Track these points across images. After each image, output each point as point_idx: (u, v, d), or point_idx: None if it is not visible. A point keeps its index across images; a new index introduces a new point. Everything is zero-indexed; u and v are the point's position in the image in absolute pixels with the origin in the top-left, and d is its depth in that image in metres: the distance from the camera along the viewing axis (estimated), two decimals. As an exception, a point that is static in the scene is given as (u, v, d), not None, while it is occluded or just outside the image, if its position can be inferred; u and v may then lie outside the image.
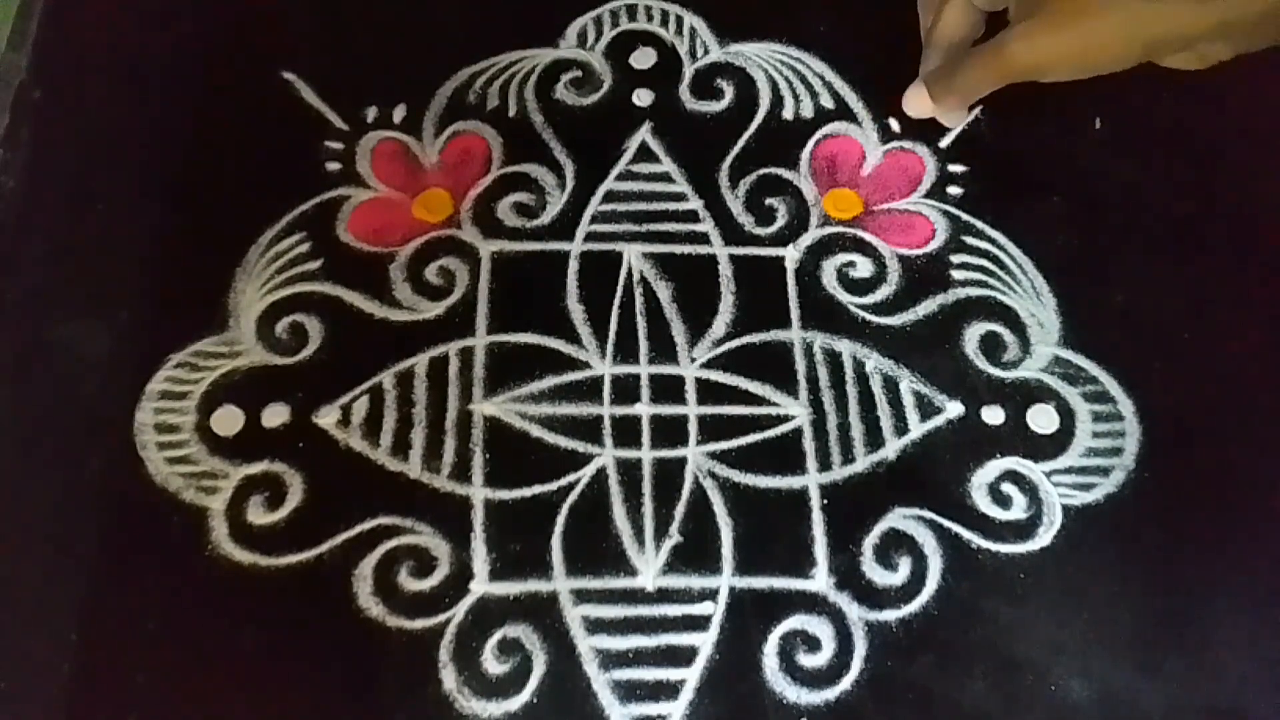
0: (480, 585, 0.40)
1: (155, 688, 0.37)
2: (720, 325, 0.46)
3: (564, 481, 0.42)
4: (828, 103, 0.52)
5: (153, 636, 0.38)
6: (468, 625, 0.39)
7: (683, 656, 0.39)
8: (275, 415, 0.42)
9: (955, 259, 0.48)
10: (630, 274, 0.47)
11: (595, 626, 0.39)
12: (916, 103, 0.48)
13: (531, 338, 0.45)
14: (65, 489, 0.41)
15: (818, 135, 0.51)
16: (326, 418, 0.42)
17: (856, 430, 0.44)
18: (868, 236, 0.48)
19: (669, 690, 0.38)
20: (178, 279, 0.45)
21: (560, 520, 0.41)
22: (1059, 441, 0.44)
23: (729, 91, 0.52)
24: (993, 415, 0.44)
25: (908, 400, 0.44)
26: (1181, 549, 0.42)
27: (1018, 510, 0.42)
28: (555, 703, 0.38)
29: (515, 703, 0.38)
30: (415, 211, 0.48)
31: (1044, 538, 0.42)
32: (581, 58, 0.52)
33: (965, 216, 0.49)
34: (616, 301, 0.46)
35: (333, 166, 0.48)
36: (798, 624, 0.40)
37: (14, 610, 0.39)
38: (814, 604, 0.40)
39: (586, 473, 0.42)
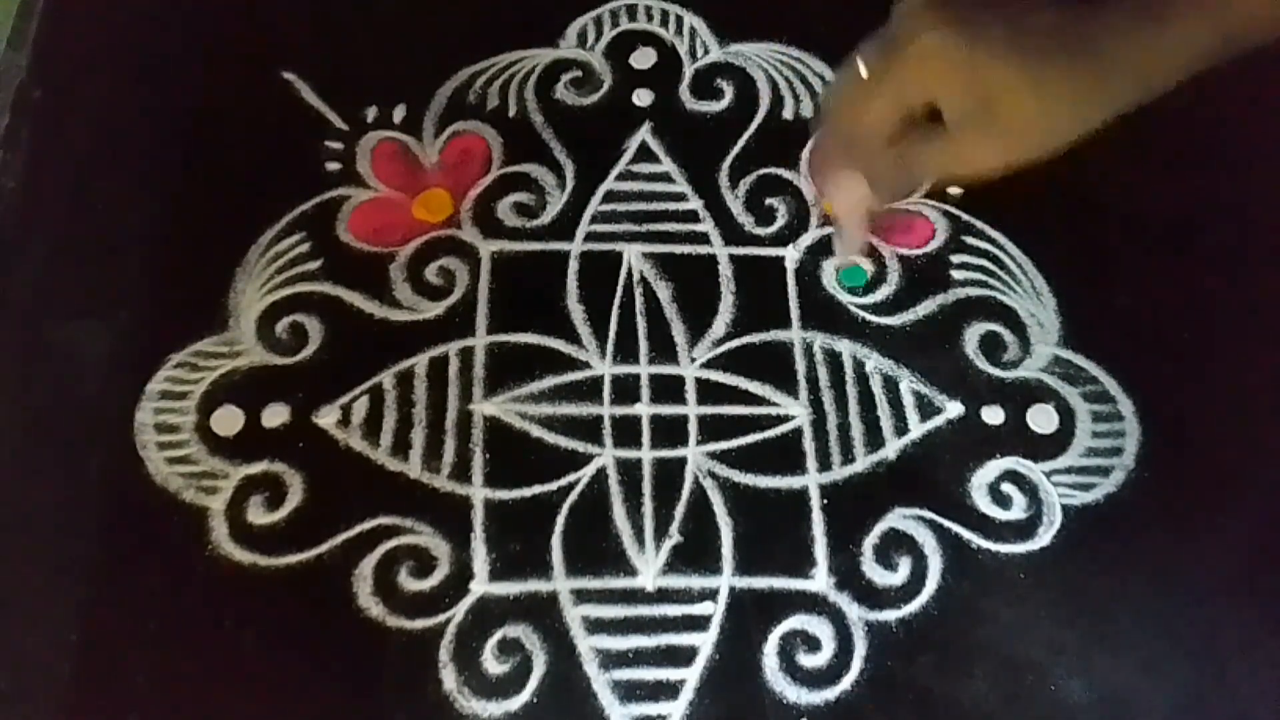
0: (480, 585, 0.40)
1: (155, 688, 0.37)
2: (720, 325, 0.46)
3: (564, 481, 0.42)
4: (828, 103, 0.52)
5: (153, 636, 0.38)
6: (468, 625, 0.39)
7: (683, 656, 0.39)
8: (275, 415, 0.42)
9: (955, 259, 0.48)
10: (630, 274, 0.47)
11: (595, 626, 0.39)
12: (848, 200, 0.44)
13: (531, 338, 0.45)
14: (65, 489, 0.41)
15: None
16: (326, 418, 0.42)
17: (856, 430, 0.44)
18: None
19: (669, 690, 0.38)
20: (178, 279, 0.45)
21: (560, 520, 0.41)
22: (1059, 441, 0.44)
23: (729, 91, 0.52)
24: (993, 415, 0.44)
25: (908, 400, 0.44)
26: (1181, 549, 0.42)
27: (1018, 510, 0.42)
28: (555, 703, 0.38)
29: (515, 703, 0.38)
30: (415, 211, 0.48)
31: (1044, 538, 0.42)
32: (581, 58, 0.52)
33: (965, 216, 0.49)
34: (616, 301, 0.46)
35: (333, 166, 0.48)
36: (798, 624, 0.40)
37: (14, 610, 0.39)
38: (814, 604, 0.40)
39: (586, 473, 0.42)
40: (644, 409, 0.43)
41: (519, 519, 0.41)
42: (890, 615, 0.40)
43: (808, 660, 0.39)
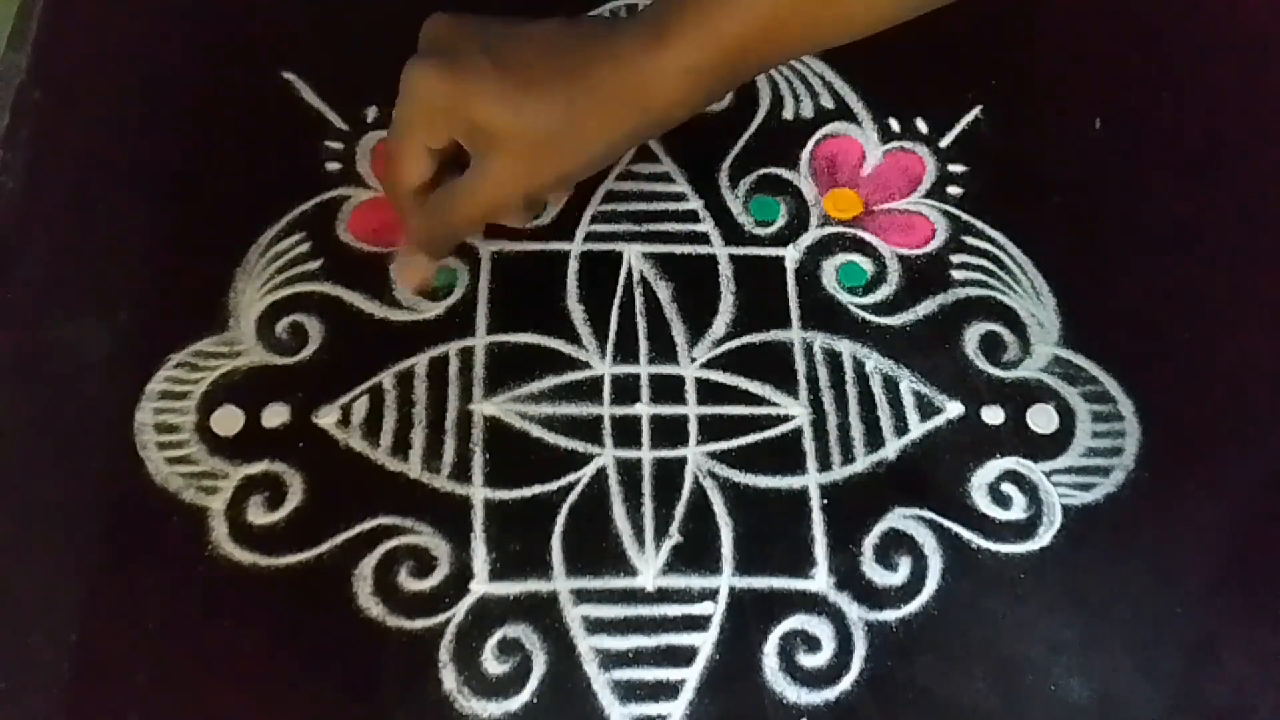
0: (480, 585, 0.40)
1: (155, 688, 0.37)
2: (720, 325, 0.46)
3: (564, 481, 0.42)
4: (828, 103, 0.52)
5: (153, 636, 0.38)
6: (468, 625, 0.39)
7: (683, 656, 0.39)
8: (275, 415, 0.42)
9: (955, 259, 0.48)
10: (630, 274, 0.47)
11: (595, 626, 0.39)
12: (412, 273, 0.45)
13: (531, 338, 0.45)
14: (65, 489, 0.41)
15: (818, 135, 0.51)
16: (326, 418, 0.42)
17: (856, 430, 0.44)
18: (868, 236, 0.48)
19: (669, 690, 0.38)
20: (178, 279, 0.45)
21: (560, 520, 0.41)
22: (1059, 441, 0.44)
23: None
24: (993, 415, 0.44)
25: (908, 400, 0.44)
26: (1181, 549, 0.42)
27: (1018, 510, 0.42)
28: (555, 703, 0.38)
29: (515, 703, 0.38)
30: (415, 211, 0.47)
31: (1044, 538, 0.42)
32: (581, 58, 0.52)
33: (965, 216, 0.49)
34: (616, 301, 0.46)
35: (333, 166, 0.48)
36: (798, 624, 0.40)
37: (14, 610, 0.39)
38: (814, 604, 0.40)
39: (586, 473, 0.42)
40: (644, 409, 0.43)
41: (519, 519, 0.41)
42: (890, 615, 0.40)
43: (808, 660, 0.39)
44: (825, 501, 0.42)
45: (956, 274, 0.47)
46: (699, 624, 0.39)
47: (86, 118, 0.49)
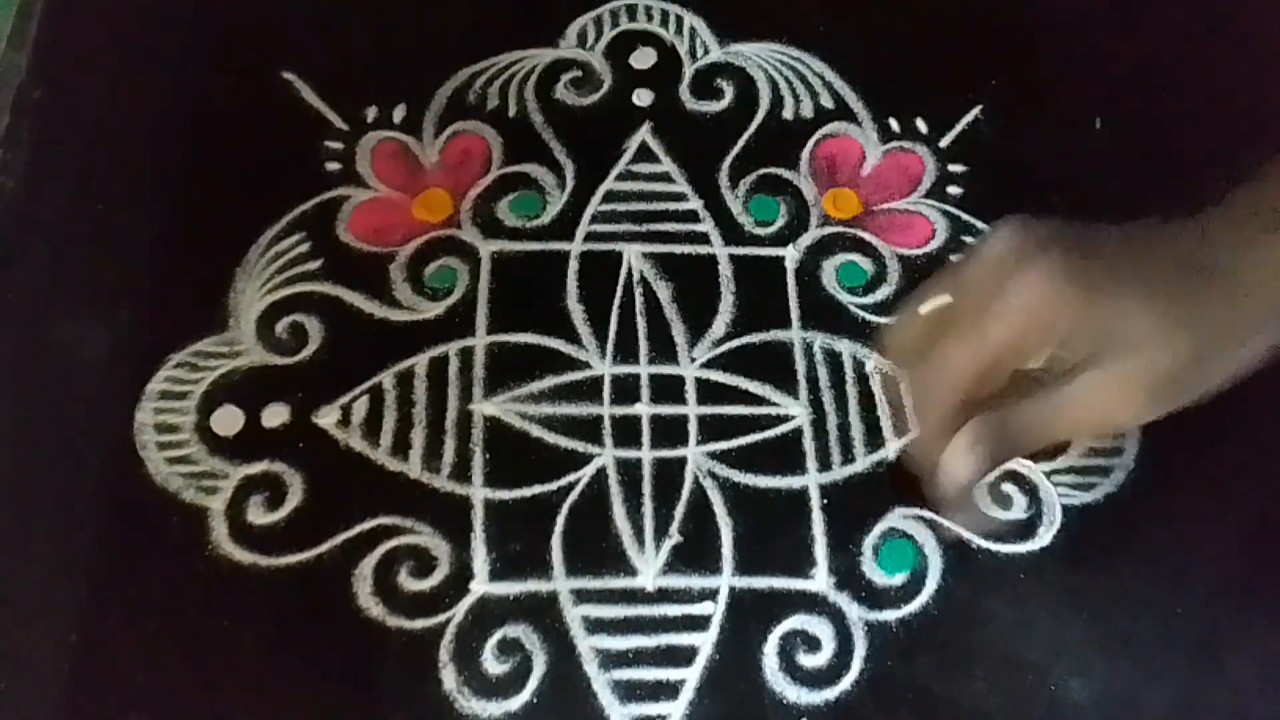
0: (480, 585, 0.40)
1: (155, 688, 0.37)
2: (720, 325, 0.46)
3: (564, 481, 0.42)
4: (828, 103, 0.52)
5: (153, 636, 0.38)
6: (468, 625, 0.39)
7: (683, 656, 0.39)
8: (275, 415, 0.42)
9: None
10: (630, 274, 0.47)
11: (595, 626, 0.39)
12: (964, 467, 0.36)
13: (531, 338, 0.45)
14: (65, 489, 0.41)
15: (818, 135, 0.51)
16: (326, 418, 0.42)
17: (856, 430, 0.44)
18: (868, 236, 0.48)
19: (669, 690, 0.38)
20: (178, 279, 0.45)
21: (560, 520, 0.41)
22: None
23: (729, 91, 0.52)
24: (993, 415, 0.44)
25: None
26: (1181, 549, 0.42)
27: (1018, 510, 0.42)
28: (555, 703, 0.38)
29: (515, 703, 0.38)
30: (415, 211, 0.48)
31: (1044, 538, 0.42)
32: (581, 58, 0.52)
33: (965, 216, 0.49)
34: (616, 301, 0.46)
35: (333, 166, 0.48)
36: (798, 624, 0.40)
37: (14, 610, 0.39)
38: (814, 604, 0.40)
39: (586, 473, 0.42)
40: (644, 409, 0.43)
41: (519, 519, 0.41)
42: (890, 615, 0.40)
43: (808, 660, 0.39)
44: (825, 501, 0.42)
45: (956, 274, 0.47)
46: (699, 624, 0.39)
47: (86, 118, 0.49)
